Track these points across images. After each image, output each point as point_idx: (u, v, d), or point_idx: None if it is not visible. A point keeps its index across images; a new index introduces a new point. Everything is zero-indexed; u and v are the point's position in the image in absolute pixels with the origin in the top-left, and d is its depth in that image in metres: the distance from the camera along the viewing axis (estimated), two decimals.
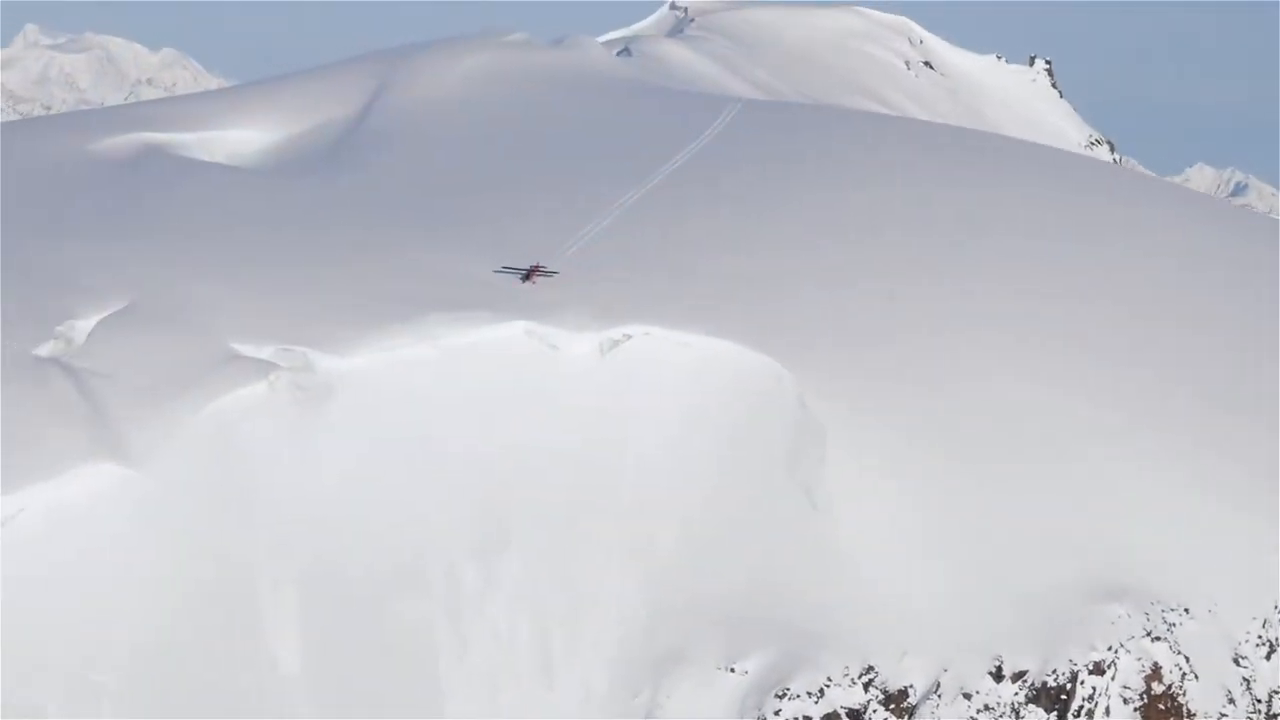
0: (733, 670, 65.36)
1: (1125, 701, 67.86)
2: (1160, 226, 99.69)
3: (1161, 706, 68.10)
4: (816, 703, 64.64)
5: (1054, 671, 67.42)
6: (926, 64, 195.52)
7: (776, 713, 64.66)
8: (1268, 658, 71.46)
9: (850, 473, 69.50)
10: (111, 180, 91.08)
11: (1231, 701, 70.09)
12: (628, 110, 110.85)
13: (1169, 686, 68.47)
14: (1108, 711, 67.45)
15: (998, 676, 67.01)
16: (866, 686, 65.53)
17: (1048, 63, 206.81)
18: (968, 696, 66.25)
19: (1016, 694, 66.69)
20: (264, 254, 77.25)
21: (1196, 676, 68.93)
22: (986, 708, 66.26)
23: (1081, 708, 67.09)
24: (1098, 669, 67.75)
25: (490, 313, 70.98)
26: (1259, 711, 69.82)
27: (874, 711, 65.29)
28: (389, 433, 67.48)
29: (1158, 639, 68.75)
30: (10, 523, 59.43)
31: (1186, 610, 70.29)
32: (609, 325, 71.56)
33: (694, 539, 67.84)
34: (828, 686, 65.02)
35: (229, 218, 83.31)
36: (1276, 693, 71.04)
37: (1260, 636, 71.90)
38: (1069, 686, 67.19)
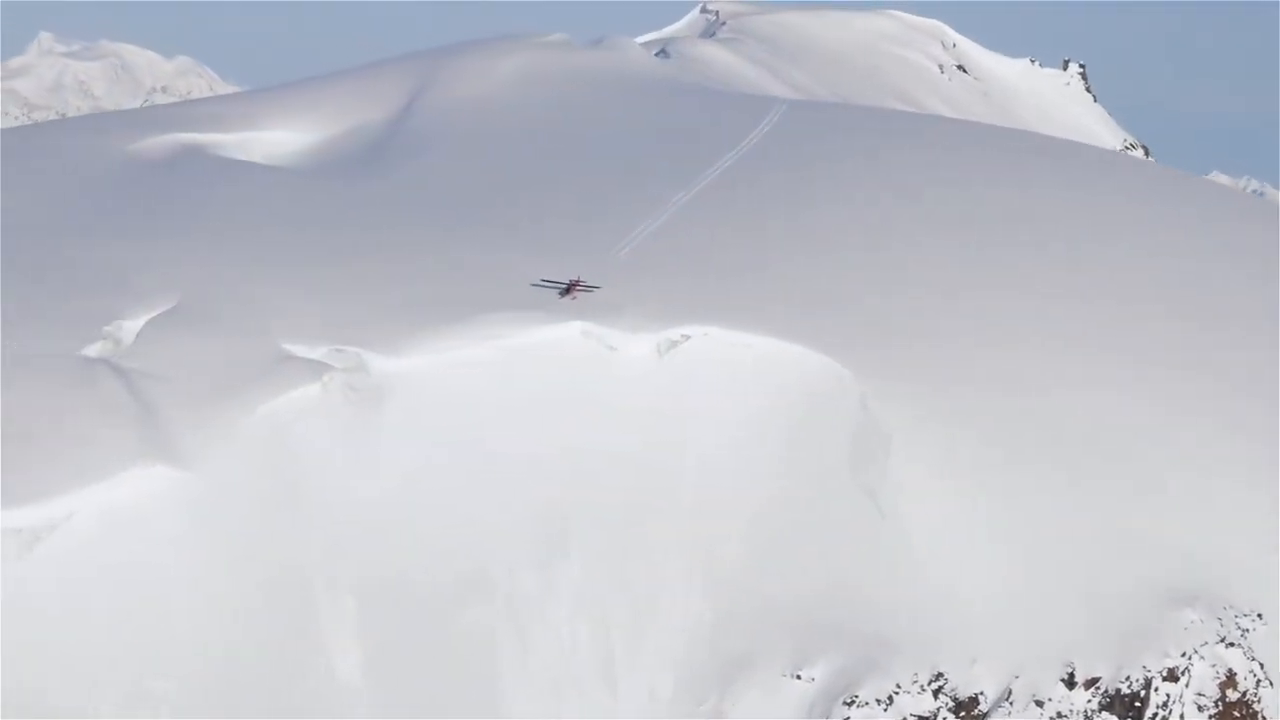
0: (799, 677, 63.91)
1: (1200, 709, 66.34)
2: (1218, 226, 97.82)
3: (1237, 714, 66.60)
4: (885, 710, 63.22)
5: (1127, 678, 65.92)
6: (960, 68, 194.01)
7: None
8: None
9: (914, 476, 68.10)
10: (152, 180, 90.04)
11: None
12: (671, 111, 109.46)
13: (1244, 693, 66.95)
14: (1182, 719, 65.77)
15: (1070, 683, 65.53)
16: (936, 693, 64.07)
17: (1081, 66, 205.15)
18: (1040, 704, 64.76)
19: (1089, 701, 65.21)
20: (312, 254, 76.06)
21: (1271, 683, 67.34)
22: (1059, 715, 64.83)
23: (1156, 715, 65.54)
24: (1171, 675, 66.23)
25: (546, 313, 69.94)
26: None
27: (943, 719, 63.65)
28: (444, 435, 66.22)
29: (1231, 645, 67.24)
30: (62, 526, 57.95)
31: (1260, 616, 68.67)
32: (667, 326, 70.35)
33: (757, 542, 66.51)
34: (897, 693, 63.60)
35: (274, 217, 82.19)
36: None
37: None
38: (1143, 694, 65.58)
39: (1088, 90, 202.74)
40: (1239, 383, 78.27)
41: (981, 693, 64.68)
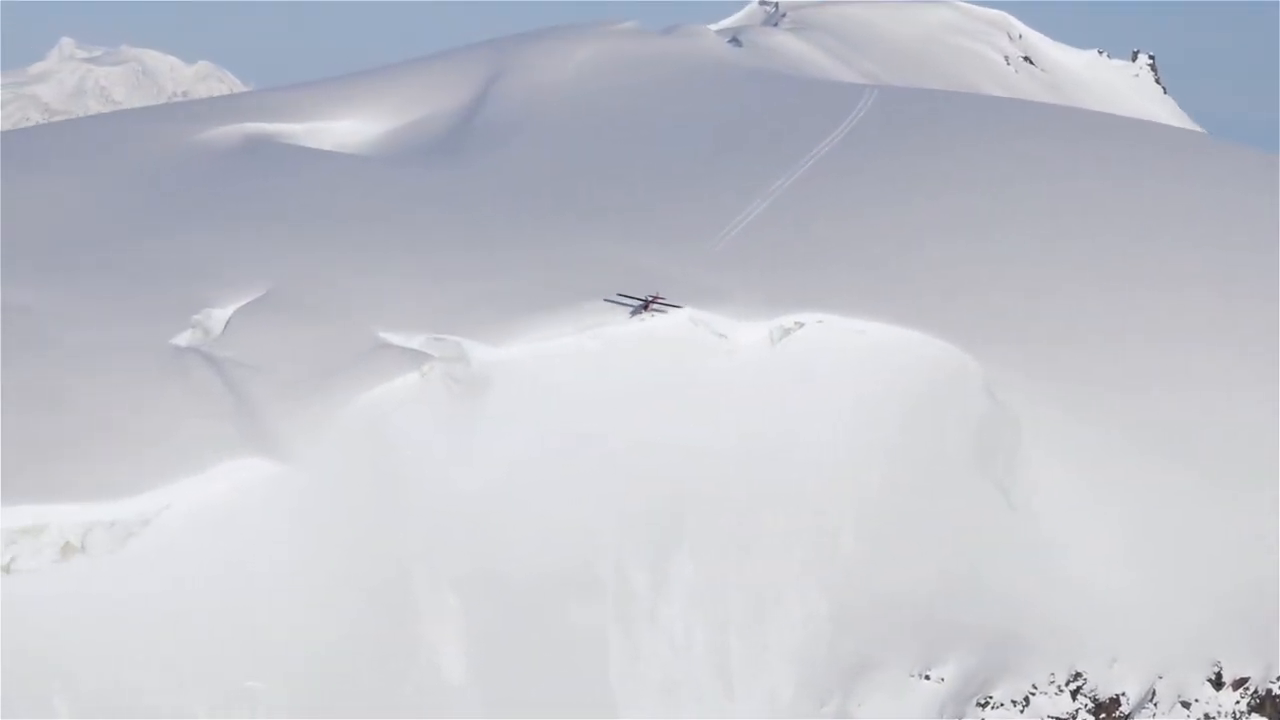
0: (928, 677, 60.83)
1: None
2: None
3: None
4: (1022, 712, 60.11)
5: (1278, 679, 62.53)
6: (1026, 59, 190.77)
7: None
8: None
9: (1045, 468, 64.96)
10: (225, 169, 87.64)
11: None
12: (756, 97, 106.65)
13: None
14: None
15: (1217, 684, 62.42)
16: (1075, 694, 61.02)
17: (1151, 58, 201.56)
18: (1186, 705, 61.67)
19: (1238, 702, 62.12)
20: (402, 241, 73.46)
21: None
22: (1207, 717, 61.47)
23: None
24: None
25: None
26: None
27: None
28: (548, 426, 63.42)
29: None
30: (156, 520, 55.15)
31: None
32: (778, 313, 67.31)
33: (877, 536, 63.57)
34: (1033, 694, 60.51)
35: (357, 205, 79.62)
36: None
37: None
38: None
39: (1157, 82, 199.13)
40: None
41: (1123, 693, 61.59)
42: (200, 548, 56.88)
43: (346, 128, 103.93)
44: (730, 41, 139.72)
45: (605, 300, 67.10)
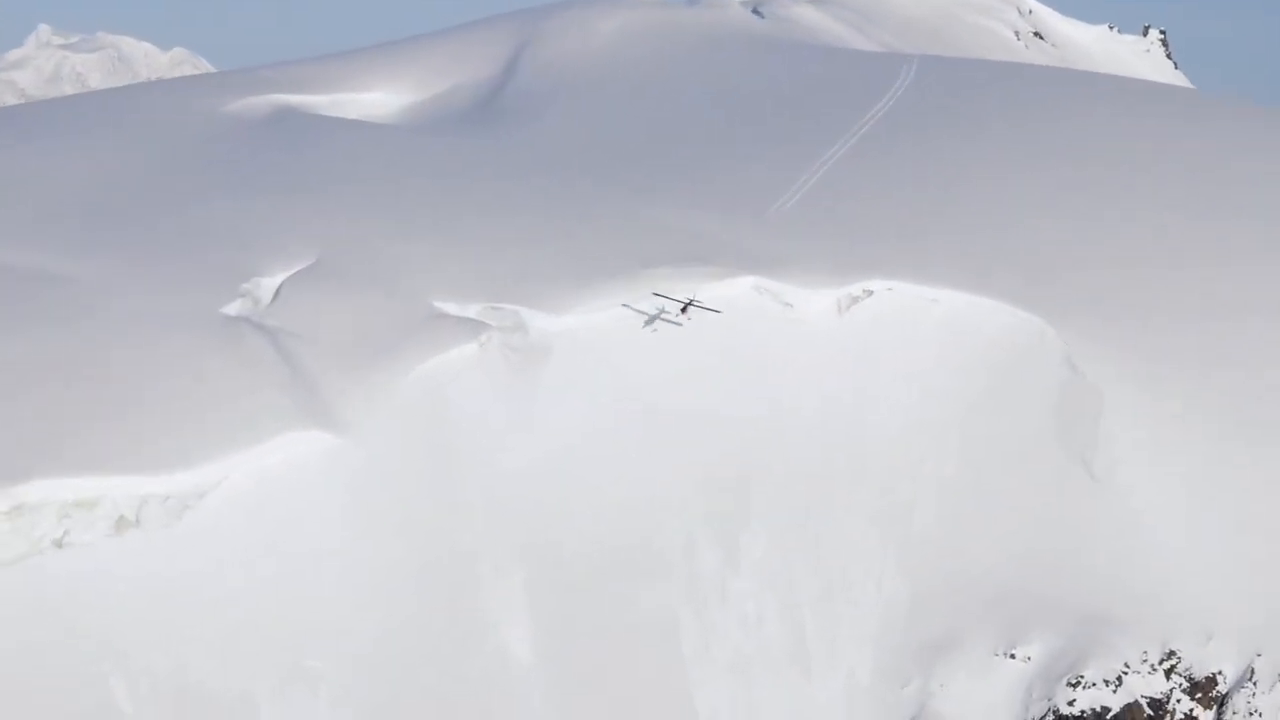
0: (1013, 656, 58.69)
1: None
2: None
3: None
4: (1115, 692, 57.88)
5: None
6: (1036, 34, 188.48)
7: (1071, 703, 57.92)
8: None
9: (1129, 441, 62.68)
10: (260, 139, 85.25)
11: None
12: (789, 67, 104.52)
13: None
14: None
15: None
16: (1169, 673, 58.80)
17: (1162, 33, 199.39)
18: None
19: None
20: (451, 209, 71.23)
21: None
22: None
23: None
24: None
25: (714, 267, 64.54)
26: None
27: (1177, 701, 58.47)
28: (609, 398, 61.35)
29: None
30: (212, 493, 52.78)
31: None
32: (846, 280, 65.02)
33: (955, 511, 61.43)
34: (1125, 673, 58.30)
35: (400, 173, 77.32)
36: None
37: None
38: None
39: (1168, 57, 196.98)
40: None
41: (1219, 672, 59.45)
42: (257, 523, 54.69)
43: (372, 99, 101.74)
44: (753, 12, 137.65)
45: (654, 293, 64.50)
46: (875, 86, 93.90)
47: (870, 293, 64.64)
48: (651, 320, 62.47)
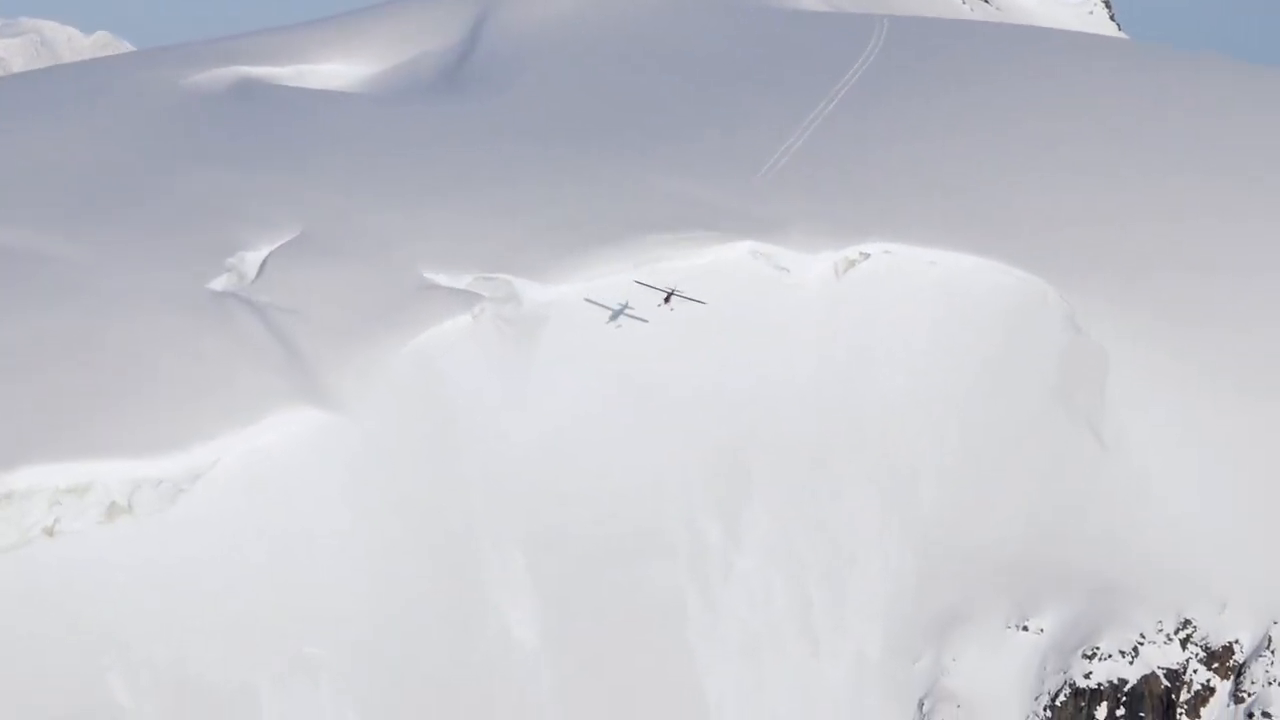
0: (1025, 628, 57.76)
1: None
2: None
3: None
4: (1131, 663, 56.96)
5: None
6: None
7: (1087, 675, 57.04)
8: None
9: (1136, 404, 61.57)
10: (223, 112, 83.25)
11: None
12: (757, 28, 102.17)
13: None
14: None
15: None
16: (1184, 643, 57.92)
17: None
18: None
19: None
20: (433, 178, 69.79)
21: None
22: None
23: None
24: None
25: (709, 232, 63.19)
26: None
27: (1194, 672, 57.61)
28: (605, 368, 60.51)
29: None
30: (206, 476, 51.32)
31: None
32: (842, 244, 63.77)
33: (959, 480, 60.56)
34: (1141, 644, 57.43)
35: (379, 143, 75.76)
36: None
37: None
38: None
39: (1112, 19, 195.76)
40: None
41: (1236, 641, 58.60)
42: (253, 506, 53.50)
43: (332, 70, 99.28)
44: None
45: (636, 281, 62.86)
46: (847, 48, 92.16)
47: (867, 255, 63.51)
48: (615, 316, 61.01)
